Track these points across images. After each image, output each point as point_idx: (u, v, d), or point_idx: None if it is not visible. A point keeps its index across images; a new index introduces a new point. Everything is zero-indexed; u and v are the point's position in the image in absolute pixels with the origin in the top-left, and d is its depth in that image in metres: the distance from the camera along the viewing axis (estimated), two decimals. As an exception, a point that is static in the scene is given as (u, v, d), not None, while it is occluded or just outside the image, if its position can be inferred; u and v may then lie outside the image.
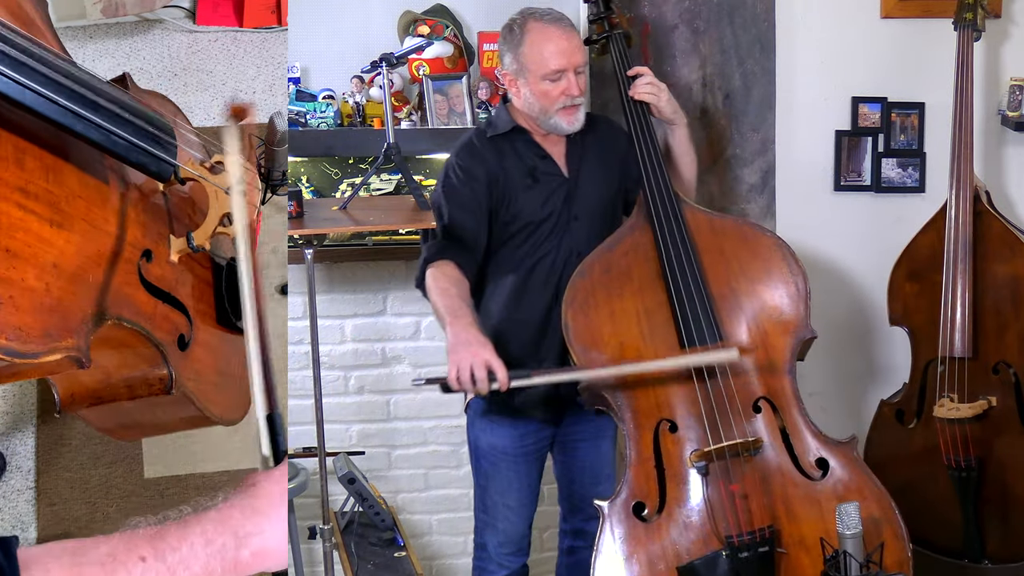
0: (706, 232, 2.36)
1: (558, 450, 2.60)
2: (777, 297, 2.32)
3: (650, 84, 2.43)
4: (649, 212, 2.36)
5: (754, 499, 2.20)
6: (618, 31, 2.54)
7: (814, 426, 2.27)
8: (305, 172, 3.11)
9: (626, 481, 2.24)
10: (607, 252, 2.35)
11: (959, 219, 2.73)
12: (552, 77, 2.33)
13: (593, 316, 2.28)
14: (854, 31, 2.97)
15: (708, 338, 2.26)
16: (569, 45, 2.34)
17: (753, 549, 2.16)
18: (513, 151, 2.41)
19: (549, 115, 2.37)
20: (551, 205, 2.40)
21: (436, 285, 2.28)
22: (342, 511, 2.91)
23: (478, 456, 2.54)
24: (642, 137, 2.42)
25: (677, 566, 2.18)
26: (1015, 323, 2.71)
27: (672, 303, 2.29)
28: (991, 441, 2.73)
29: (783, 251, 2.35)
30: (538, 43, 2.34)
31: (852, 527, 2.02)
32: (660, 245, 2.33)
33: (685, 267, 2.30)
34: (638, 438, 2.26)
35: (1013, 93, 2.93)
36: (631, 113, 2.44)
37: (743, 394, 2.27)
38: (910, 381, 2.87)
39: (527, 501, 2.55)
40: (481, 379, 2.11)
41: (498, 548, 2.56)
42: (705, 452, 2.20)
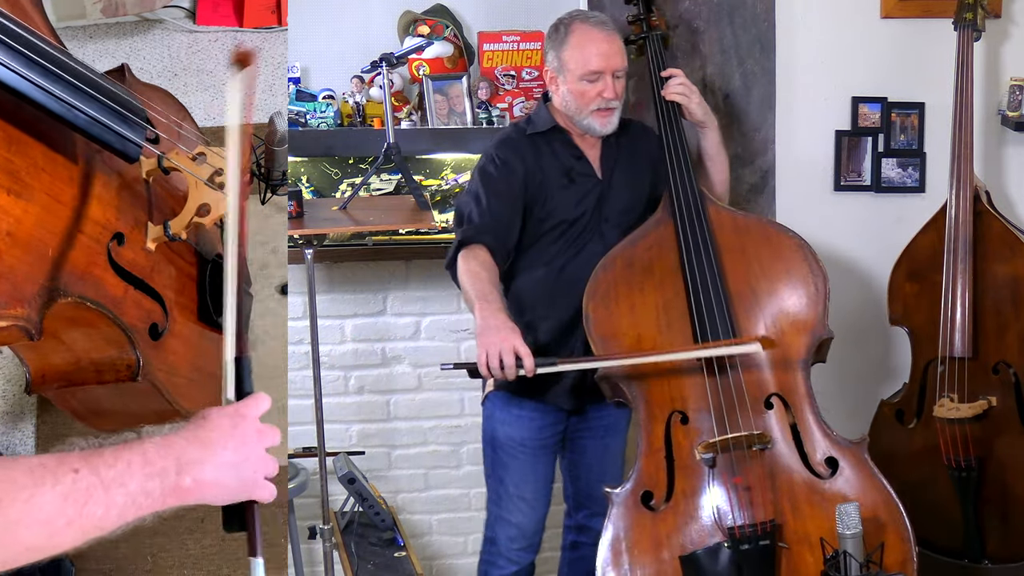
0: (729, 230, 2.39)
1: (568, 447, 2.61)
2: (796, 297, 2.34)
3: (682, 85, 2.48)
4: (673, 208, 2.39)
5: (759, 493, 2.21)
6: (656, 32, 2.59)
7: (826, 425, 2.28)
8: (305, 172, 3.11)
9: (636, 470, 2.27)
10: (630, 247, 2.38)
11: (959, 219, 2.73)
12: (590, 78, 2.36)
13: (614, 309, 2.32)
14: (854, 31, 2.96)
15: (722, 334, 2.28)
16: (610, 48, 2.37)
17: (754, 542, 2.18)
18: (550, 150, 2.44)
19: (583, 115, 2.40)
20: (584, 205, 2.43)
21: (467, 268, 2.27)
22: (342, 511, 2.91)
23: (495, 448, 2.55)
24: (671, 136, 2.45)
25: (680, 555, 2.20)
26: (1015, 323, 2.71)
27: (689, 298, 2.31)
28: (991, 441, 2.73)
29: (804, 251, 2.37)
30: (580, 44, 2.38)
31: (852, 527, 2.03)
32: (681, 241, 2.36)
33: (704, 264, 2.33)
34: (650, 428, 2.28)
35: (1013, 93, 2.93)
36: (662, 112, 2.48)
37: (756, 389, 2.28)
38: (910, 381, 2.87)
39: (542, 495, 2.57)
40: (509, 365, 2.12)
41: (509, 543, 2.57)
42: (711, 444, 2.22)
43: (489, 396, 2.52)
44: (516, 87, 3.13)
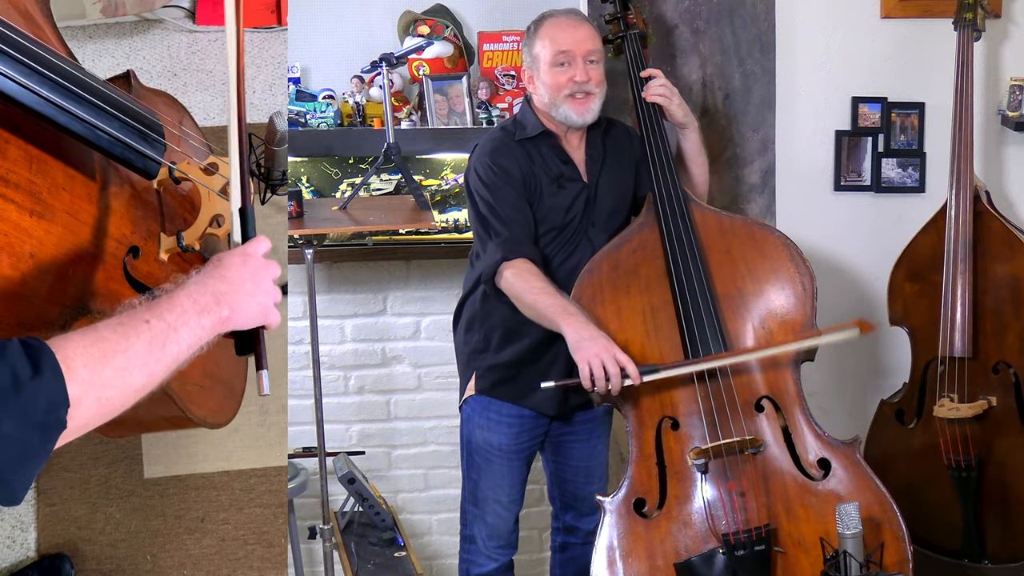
0: (714, 231, 2.37)
1: (550, 450, 2.61)
2: (783, 297, 2.33)
3: (663, 87, 2.44)
4: (657, 210, 2.38)
5: (752, 497, 2.20)
6: (634, 31, 2.56)
7: (817, 426, 2.27)
8: (305, 172, 3.11)
9: (628, 477, 2.25)
10: (615, 250, 2.36)
11: (959, 219, 2.73)
12: (560, 60, 2.33)
13: (600, 313, 2.28)
14: (854, 31, 2.96)
15: (710, 337, 2.26)
16: (576, 32, 2.35)
17: (749, 547, 2.17)
18: (540, 155, 2.40)
19: (558, 104, 2.35)
20: (573, 211, 2.41)
21: (529, 285, 2.25)
22: (342, 511, 2.91)
23: (471, 451, 2.55)
24: (652, 137, 2.43)
25: (675, 562, 2.19)
26: (1015, 323, 2.71)
27: (675, 301, 2.30)
28: (991, 441, 2.73)
29: (790, 251, 2.35)
30: (547, 32, 2.37)
31: (852, 527, 2.03)
32: (666, 243, 2.34)
33: (690, 266, 2.31)
34: (641, 435, 2.27)
35: (1013, 93, 2.93)
36: (643, 113, 2.45)
37: (746, 393, 2.27)
38: (910, 381, 2.87)
39: (517, 497, 2.57)
40: (614, 374, 2.10)
41: (487, 541, 2.58)
42: (703, 450, 2.21)
43: (468, 400, 2.52)
44: (516, 87, 3.13)
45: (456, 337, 2.56)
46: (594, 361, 2.10)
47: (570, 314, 2.18)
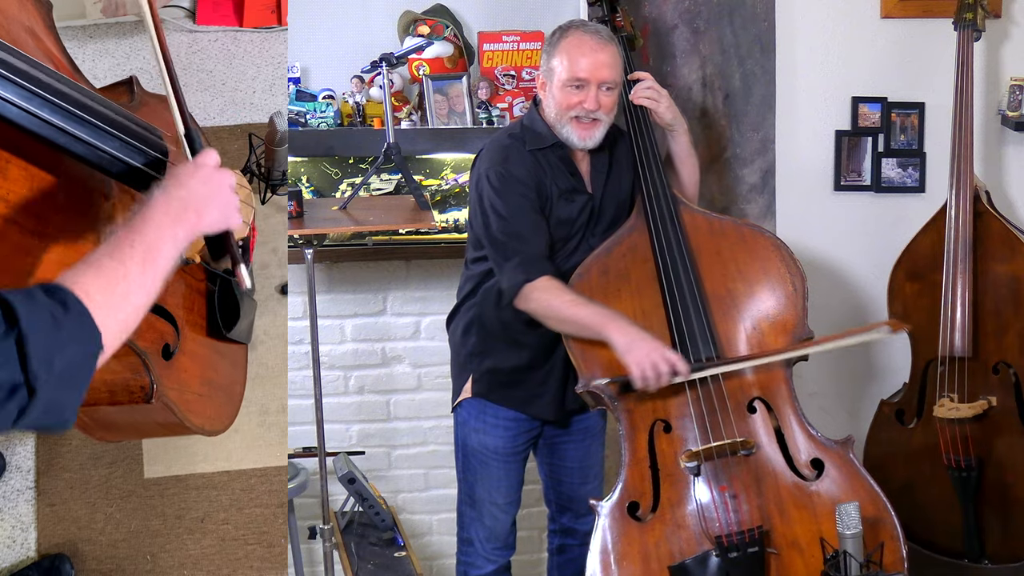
0: (704, 233, 2.37)
1: (545, 451, 2.60)
2: (774, 297, 2.32)
3: (650, 89, 2.41)
4: (646, 213, 2.37)
5: (745, 499, 2.20)
6: (622, 34, 2.54)
7: (810, 426, 2.27)
8: (305, 172, 3.11)
9: (621, 480, 2.25)
10: (604, 255, 2.35)
11: (959, 219, 2.73)
12: (575, 83, 2.30)
13: None
14: (854, 31, 2.96)
15: (700, 339, 2.26)
16: (597, 58, 2.29)
17: (743, 549, 2.17)
18: (550, 166, 2.37)
19: (562, 123, 2.33)
20: (579, 222, 2.40)
21: (563, 300, 2.25)
22: (342, 511, 2.91)
23: (466, 454, 2.55)
24: (640, 140, 2.42)
25: (669, 565, 2.19)
26: (1015, 323, 2.71)
27: (666, 304, 2.29)
28: (991, 441, 2.74)
29: (781, 251, 2.35)
30: (570, 48, 2.31)
31: (852, 527, 2.03)
32: (656, 246, 2.33)
33: (680, 268, 2.30)
34: (633, 438, 2.26)
35: (1013, 93, 2.93)
36: (631, 116, 2.44)
37: (738, 395, 2.27)
38: (910, 381, 2.87)
39: (514, 498, 2.57)
40: (665, 372, 2.14)
41: (485, 543, 2.58)
42: (695, 452, 2.21)
43: (463, 403, 2.51)
44: (516, 87, 3.13)
45: (451, 340, 2.56)
46: (645, 361, 2.14)
47: (613, 320, 2.20)
